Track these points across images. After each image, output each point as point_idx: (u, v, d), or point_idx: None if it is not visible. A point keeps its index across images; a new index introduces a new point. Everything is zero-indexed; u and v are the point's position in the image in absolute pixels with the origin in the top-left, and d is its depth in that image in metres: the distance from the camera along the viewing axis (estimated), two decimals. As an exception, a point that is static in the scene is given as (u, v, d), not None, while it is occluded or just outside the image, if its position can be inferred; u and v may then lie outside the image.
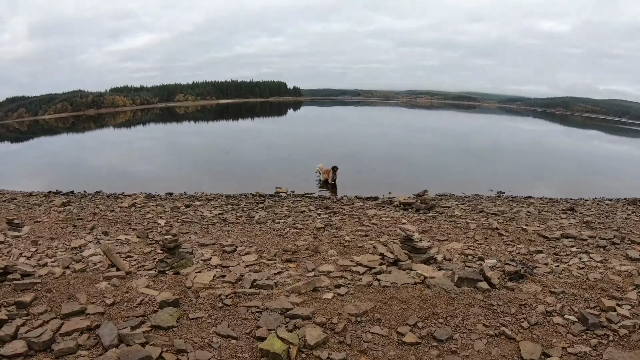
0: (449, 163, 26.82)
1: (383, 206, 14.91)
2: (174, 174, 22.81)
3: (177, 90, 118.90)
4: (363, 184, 19.69)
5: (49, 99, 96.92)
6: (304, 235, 10.60)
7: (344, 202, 15.49)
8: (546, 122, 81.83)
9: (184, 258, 8.04)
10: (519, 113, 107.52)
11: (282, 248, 9.38)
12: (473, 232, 11.29)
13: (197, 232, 10.91)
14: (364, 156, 27.38)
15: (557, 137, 53.47)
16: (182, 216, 12.76)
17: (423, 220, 12.67)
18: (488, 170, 24.87)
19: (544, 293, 7.06)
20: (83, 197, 17.47)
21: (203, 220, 12.26)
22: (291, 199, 16.18)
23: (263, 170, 23.17)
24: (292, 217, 12.66)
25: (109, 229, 11.51)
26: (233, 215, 12.97)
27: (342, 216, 12.92)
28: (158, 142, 40.64)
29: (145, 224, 11.87)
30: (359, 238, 10.43)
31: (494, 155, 31.28)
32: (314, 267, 8.20)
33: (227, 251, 9.18)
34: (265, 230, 10.96)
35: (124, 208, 14.29)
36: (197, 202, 15.10)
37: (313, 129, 50.72)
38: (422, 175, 22.52)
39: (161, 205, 14.65)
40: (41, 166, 28.08)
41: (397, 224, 11.95)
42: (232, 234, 10.62)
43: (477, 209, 14.85)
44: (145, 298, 6.74)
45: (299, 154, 28.36)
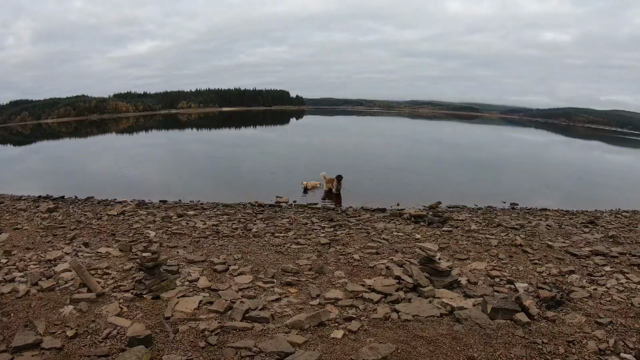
0: (457, 174, 25.51)
1: (392, 219, 13.64)
2: (171, 181, 21.55)
3: (180, 97, 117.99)
4: (368, 194, 18.49)
5: (52, 103, 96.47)
6: (307, 252, 9.31)
7: (350, 214, 14.20)
8: (549, 133, 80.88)
9: (166, 279, 6.75)
10: (520, 124, 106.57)
11: (281, 268, 8.08)
12: (496, 250, 10.08)
13: (187, 246, 9.61)
14: (368, 166, 26.05)
15: (561, 148, 52.40)
16: (172, 227, 11.46)
17: (438, 236, 11.41)
18: (497, 181, 23.62)
19: (590, 324, 6.03)
20: (73, 202, 16.27)
21: (195, 232, 10.97)
22: (292, 210, 14.91)
23: (264, 179, 21.93)
24: (293, 230, 11.36)
25: (90, 240, 10.25)
26: (228, 227, 11.69)
27: (348, 230, 11.63)
28: (159, 148, 39.52)
29: (131, 235, 10.59)
30: (369, 256, 9.15)
31: (501, 166, 30.02)
32: (319, 293, 6.92)
33: (218, 270, 7.89)
34: (263, 246, 9.66)
35: (112, 216, 13.03)
36: (191, 212, 13.82)
37: (316, 138, 49.49)
38: (429, 187, 21.21)
39: (152, 214, 13.39)
40: (39, 170, 27.01)
41: (410, 240, 10.75)
42: (225, 250, 9.33)
43: (494, 222, 13.68)
44: (113, 330, 5.52)
45: (302, 163, 27.02)
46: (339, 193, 18.23)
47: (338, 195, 18.13)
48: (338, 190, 18.27)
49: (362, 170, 24.05)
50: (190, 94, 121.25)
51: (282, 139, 50.09)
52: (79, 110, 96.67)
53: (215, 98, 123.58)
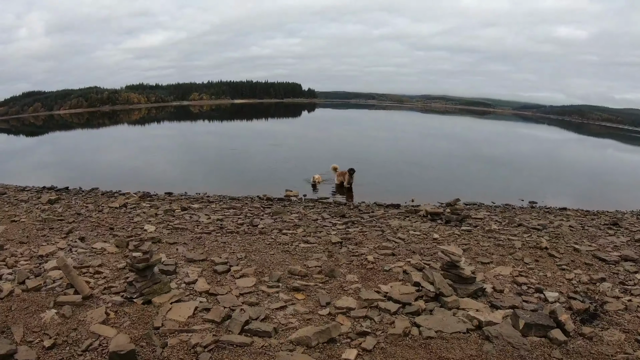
0: (471, 170, 24.44)
1: (407, 216, 12.86)
2: (179, 173, 20.99)
3: (192, 89, 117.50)
4: (380, 189, 17.69)
5: (64, 94, 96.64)
6: (317, 252, 8.55)
7: (363, 210, 13.43)
8: (562, 130, 78.83)
9: (159, 282, 6.04)
10: (533, 120, 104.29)
11: (288, 269, 7.33)
12: (520, 253, 9.22)
13: (188, 242, 8.91)
14: (379, 160, 25.21)
15: (575, 146, 50.86)
16: (174, 221, 10.78)
17: (458, 236, 10.59)
18: (513, 179, 22.51)
19: (631, 342, 5.30)
20: (76, 194, 15.73)
21: (197, 227, 10.27)
22: (302, 204, 14.16)
23: (273, 171, 21.20)
24: (302, 227, 10.60)
25: (87, 234, 9.62)
26: (233, 222, 10.97)
27: (361, 227, 10.85)
28: (169, 139, 39.01)
29: (130, 230, 9.92)
30: (385, 258, 8.37)
31: (516, 163, 28.73)
32: (329, 301, 6.18)
33: (219, 271, 7.17)
34: (269, 244, 8.91)
35: (113, 209, 12.41)
36: (195, 205, 13.14)
37: (327, 131, 48.61)
38: (443, 183, 20.30)
39: (155, 206, 12.75)
40: (47, 160, 26.64)
41: (428, 240, 9.96)
42: (228, 247, 8.60)
43: (514, 221, 12.82)
44: (95, 341, 4.86)
45: (313, 156, 26.20)
46: (350, 187, 17.47)
47: (349, 190, 17.37)
48: (350, 184, 17.51)
49: (373, 164, 23.24)
50: (202, 86, 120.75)
51: (294, 131, 49.21)
52: (91, 102, 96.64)
53: (227, 90, 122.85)
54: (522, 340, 5.03)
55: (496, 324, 5.46)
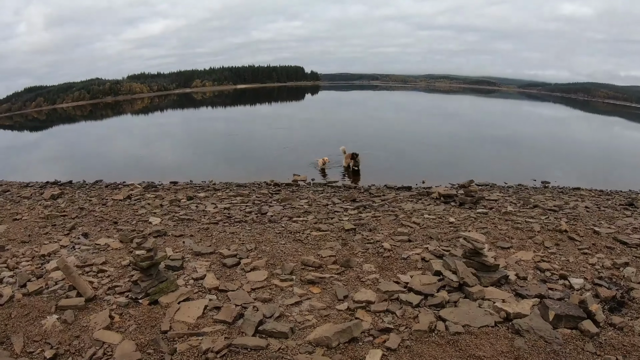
0: (480, 150, 23.72)
1: (420, 198, 12.44)
2: (183, 161, 20.56)
3: (194, 76, 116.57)
4: (388, 171, 17.26)
5: (66, 87, 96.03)
6: (330, 240, 8.14)
7: (373, 193, 13.00)
8: (568, 108, 77.29)
9: (165, 280, 5.67)
10: (539, 98, 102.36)
11: (301, 260, 6.95)
12: (540, 237, 8.75)
13: (194, 234, 8.53)
14: (386, 141, 24.48)
15: (582, 124, 49.64)
16: (180, 212, 10.40)
17: (474, 219, 10.14)
18: (523, 158, 21.73)
19: None
20: (80, 187, 15.37)
21: (204, 217, 9.88)
22: (311, 189, 13.75)
23: (279, 156, 20.77)
24: (313, 213, 10.18)
25: (90, 229, 9.27)
26: (241, 210, 10.58)
27: (374, 212, 10.43)
28: (173, 127, 38.53)
29: (134, 223, 9.55)
30: (401, 245, 7.95)
31: (524, 142, 27.74)
32: (347, 294, 5.79)
33: (228, 265, 6.79)
34: (280, 233, 8.52)
35: (117, 201, 12.05)
36: (201, 193, 12.75)
37: (332, 114, 47.81)
38: (452, 163, 19.74)
39: (160, 197, 12.37)
40: (51, 155, 26.15)
41: (444, 223, 9.54)
42: (237, 238, 8.21)
43: (530, 203, 12.36)
44: (99, 349, 4.53)
45: (317, 139, 25.64)
46: (357, 170, 17.02)
47: (356, 172, 16.93)
48: (356, 167, 17.06)
49: (379, 146, 22.60)
50: (205, 73, 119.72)
51: (298, 114, 48.46)
52: (94, 93, 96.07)
53: (230, 76, 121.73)
54: (554, 334, 4.64)
55: (525, 315, 5.08)
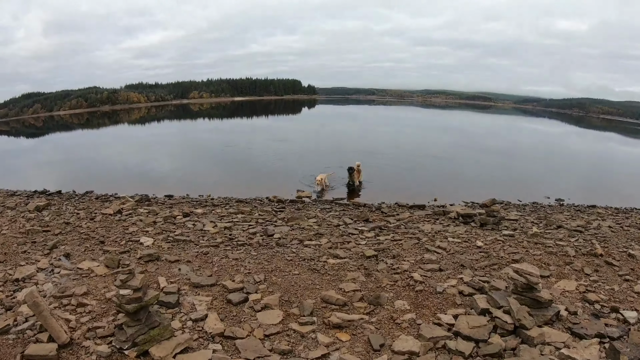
0: (486, 166, 22.75)
1: (437, 218, 11.33)
2: (179, 173, 19.28)
3: (191, 88, 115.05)
4: (394, 187, 16.28)
5: (64, 95, 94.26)
6: (350, 269, 6.96)
7: (386, 212, 11.85)
8: (563, 124, 76.87)
9: (157, 325, 4.44)
10: (534, 114, 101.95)
11: (321, 296, 5.76)
12: (578, 262, 7.84)
13: (192, 260, 7.30)
14: (388, 156, 23.38)
15: (581, 140, 49.01)
16: (175, 231, 9.14)
17: (502, 242, 9.06)
18: (530, 174, 20.90)
19: None
20: (69, 198, 14.10)
21: (203, 238, 8.64)
22: (317, 206, 12.57)
23: (279, 169, 19.60)
24: (326, 236, 8.98)
25: (74, 249, 8.04)
26: (244, 230, 9.35)
27: (392, 234, 9.25)
28: (168, 138, 37.19)
29: (124, 244, 8.29)
30: (432, 275, 6.81)
31: (527, 157, 27.07)
32: (383, 342, 4.63)
33: (234, 302, 5.58)
34: (291, 260, 7.30)
35: (107, 216, 10.79)
36: (199, 210, 11.50)
37: (329, 127, 46.67)
38: (459, 178, 18.68)
39: (153, 212, 11.12)
40: (44, 162, 24.80)
41: (471, 247, 8.45)
42: (242, 266, 7.00)
43: (552, 223, 11.39)
44: None
45: (317, 153, 24.48)
46: (353, 185, 16.09)
47: (357, 187, 16.04)
48: (353, 184, 16.09)
49: (382, 160, 21.51)
50: (202, 84, 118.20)
51: (296, 128, 47.43)
52: (91, 102, 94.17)
53: (227, 88, 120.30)
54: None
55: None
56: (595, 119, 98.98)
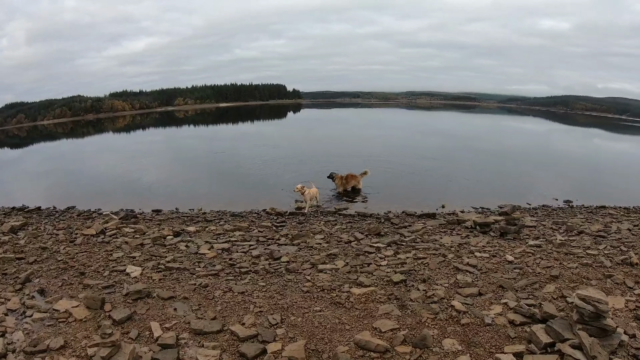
0: (482, 168, 21.59)
1: (452, 228, 10.30)
2: (166, 184, 17.75)
3: (176, 94, 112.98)
4: (394, 193, 15.29)
5: (48, 104, 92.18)
6: (380, 300, 5.79)
7: (397, 223, 10.72)
8: (548, 121, 76.80)
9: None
10: (518, 112, 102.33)
11: (354, 340, 4.60)
12: (619, 275, 6.88)
13: (190, 295, 6.04)
14: (380, 160, 22.01)
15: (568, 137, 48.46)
16: (166, 256, 7.86)
17: (531, 254, 8.05)
18: (529, 175, 19.89)
19: None
20: (48, 215, 12.81)
21: (199, 265, 7.38)
22: (321, 219, 11.42)
23: (270, 177, 18.35)
24: (340, 256, 7.80)
25: (50, 283, 6.78)
26: (245, 252, 8.13)
27: (414, 251, 8.12)
28: (154, 146, 35.39)
29: (107, 275, 7.00)
30: (473, 302, 5.72)
31: (519, 156, 25.89)
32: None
33: (249, 356, 4.37)
34: (308, 292, 6.10)
35: (89, 237, 9.49)
36: (191, 227, 10.22)
37: (314, 132, 45.15)
38: (459, 183, 17.63)
39: (140, 231, 9.83)
40: (24, 174, 23.19)
41: (502, 263, 7.46)
42: (251, 302, 5.78)
43: (573, 228, 10.45)
44: None
45: (304, 159, 23.09)
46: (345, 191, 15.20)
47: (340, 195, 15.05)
48: (346, 189, 15.20)
49: (375, 165, 19.94)
50: (187, 91, 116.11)
51: (282, 133, 45.60)
52: (75, 111, 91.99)
53: (212, 94, 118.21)
54: None
55: None
56: (580, 116, 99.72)
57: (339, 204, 13.70)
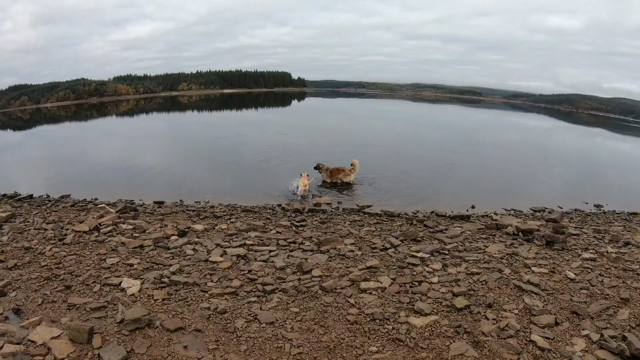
0: (501, 165, 20.08)
1: (493, 234, 8.86)
2: (171, 171, 16.28)
3: (180, 80, 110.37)
4: (410, 191, 13.71)
5: (51, 87, 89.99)
6: (446, 334, 4.41)
7: (430, 225, 9.28)
8: (558, 120, 74.65)
9: None
10: (524, 109, 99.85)
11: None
12: None
13: (203, 325, 4.62)
14: (391, 152, 20.51)
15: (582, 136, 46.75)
16: (170, 265, 6.43)
17: (589, 269, 6.75)
18: (550, 175, 18.19)
19: None
20: (40, 205, 11.40)
21: (211, 277, 5.95)
22: (344, 218, 9.98)
23: (280, 167, 16.88)
24: (381, 269, 6.35)
25: (28, 298, 5.41)
26: (266, 261, 6.72)
27: (465, 264, 6.71)
28: (157, 131, 33.83)
29: (98, 290, 5.59)
30: (551, 332, 4.47)
31: (541, 156, 23.93)
32: None
33: None
34: (356, 323, 4.66)
35: (80, 234, 8.09)
36: (197, 225, 8.78)
37: (324, 121, 43.51)
38: (482, 180, 16.22)
39: (140, 228, 8.39)
40: (22, 158, 21.60)
41: (563, 281, 6.26)
42: (285, 338, 4.35)
43: (618, 238, 9.18)
44: None
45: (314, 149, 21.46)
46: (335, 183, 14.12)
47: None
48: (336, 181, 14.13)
49: (385, 158, 18.77)
50: (191, 76, 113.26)
51: (287, 121, 44.16)
52: (79, 94, 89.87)
53: (216, 80, 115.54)
54: None
55: None
56: (585, 115, 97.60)
57: (361, 198, 12.27)
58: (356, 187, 13.82)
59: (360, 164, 14.29)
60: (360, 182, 14.26)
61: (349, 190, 13.44)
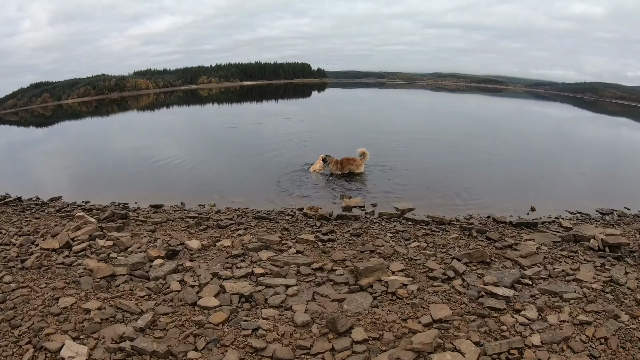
0: (548, 159, 16.33)
1: (575, 250, 6.61)
2: (178, 168, 14.27)
3: (200, 73, 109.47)
4: (442, 189, 11.14)
5: (72, 83, 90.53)
6: None
7: (494, 238, 7.01)
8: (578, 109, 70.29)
9: None
10: (547, 98, 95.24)
11: None
12: None
13: None
14: (416, 146, 17.71)
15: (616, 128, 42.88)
16: (140, 313, 4.28)
17: None
18: (600, 169, 15.17)
19: None
20: (24, 210, 9.74)
21: (196, 341, 3.82)
22: (383, 227, 7.81)
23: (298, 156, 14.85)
24: (455, 323, 4.15)
25: None
26: (280, 308, 4.60)
27: (561, 302, 4.51)
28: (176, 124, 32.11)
29: (30, 356, 3.59)
30: None
31: (584, 149, 20.84)
32: None
33: None
34: None
35: (48, 253, 6.20)
36: (194, 241, 6.69)
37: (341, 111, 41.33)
38: (531, 177, 13.39)
39: (121, 246, 6.41)
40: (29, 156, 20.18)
41: None
42: None
43: None
44: None
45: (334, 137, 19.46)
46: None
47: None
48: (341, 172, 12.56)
49: (408, 152, 16.12)
50: (211, 69, 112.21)
51: (307, 112, 41.95)
52: (99, 89, 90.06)
53: (236, 72, 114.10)
54: None
55: None
56: (609, 104, 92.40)
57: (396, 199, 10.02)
58: (386, 182, 11.65)
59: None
60: (390, 177, 12.14)
61: (377, 186, 11.25)
